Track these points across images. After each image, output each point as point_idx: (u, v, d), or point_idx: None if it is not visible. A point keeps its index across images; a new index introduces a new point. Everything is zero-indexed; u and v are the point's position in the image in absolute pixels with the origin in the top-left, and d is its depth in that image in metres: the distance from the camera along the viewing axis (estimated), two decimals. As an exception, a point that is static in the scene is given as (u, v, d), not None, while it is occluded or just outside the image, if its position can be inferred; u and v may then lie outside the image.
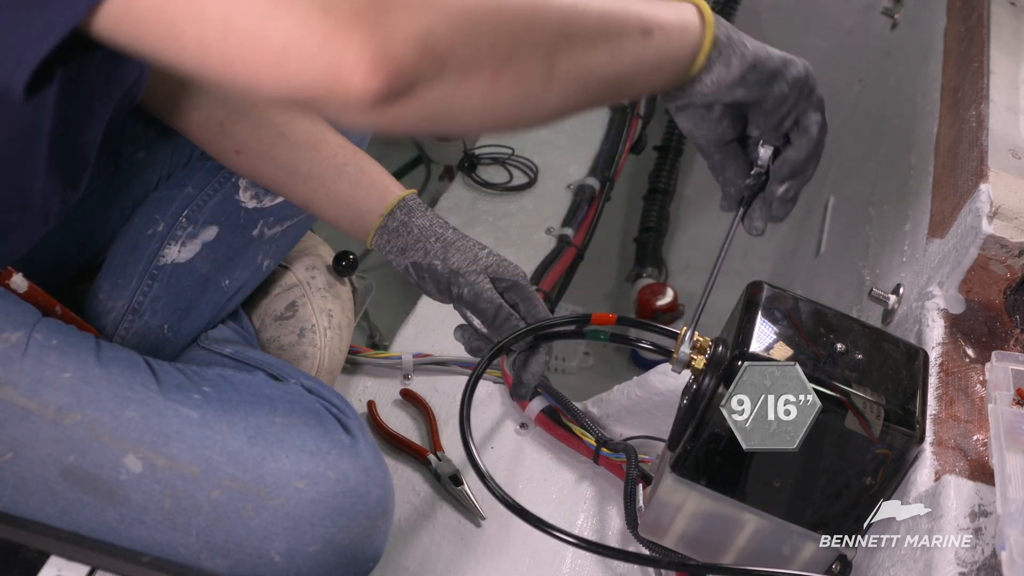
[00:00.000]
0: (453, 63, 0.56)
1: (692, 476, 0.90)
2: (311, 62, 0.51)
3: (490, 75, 0.59)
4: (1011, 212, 0.94)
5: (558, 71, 0.64)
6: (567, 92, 0.66)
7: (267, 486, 0.78)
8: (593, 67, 0.67)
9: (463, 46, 0.56)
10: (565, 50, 0.64)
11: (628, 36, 0.70)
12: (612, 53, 0.68)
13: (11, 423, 0.77)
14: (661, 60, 0.75)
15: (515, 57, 0.60)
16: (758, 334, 0.86)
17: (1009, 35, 1.25)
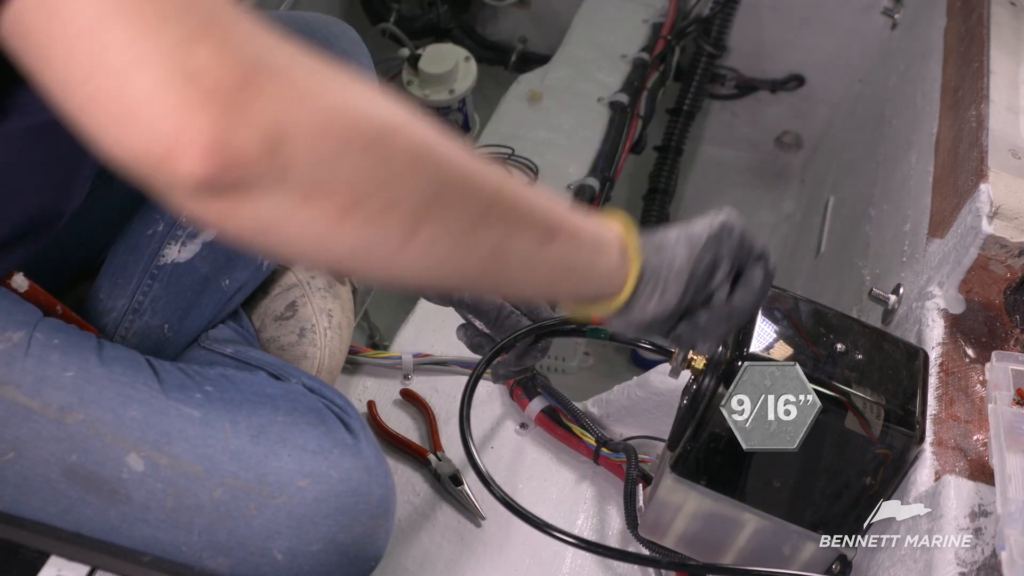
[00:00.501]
0: (299, 178, 0.50)
1: (692, 476, 0.90)
2: (151, 128, 0.47)
3: (338, 208, 0.52)
4: (1011, 212, 0.94)
5: (420, 237, 0.56)
6: (427, 262, 0.58)
7: (269, 485, 0.78)
8: (465, 251, 0.60)
9: (318, 164, 0.50)
10: (439, 216, 0.57)
11: (522, 231, 0.63)
12: (495, 245, 0.61)
13: (13, 422, 0.77)
14: (561, 273, 0.68)
15: (375, 198, 0.53)
16: (758, 334, 0.86)
17: (1009, 35, 1.25)
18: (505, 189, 0.61)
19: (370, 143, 0.52)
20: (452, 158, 0.58)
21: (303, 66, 0.51)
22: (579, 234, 0.68)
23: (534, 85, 1.86)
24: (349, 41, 1.16)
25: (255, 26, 0.51)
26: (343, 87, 0.53)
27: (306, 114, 0.49)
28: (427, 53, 1.89)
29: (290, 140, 0.49)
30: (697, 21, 2.04)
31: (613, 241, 0.71)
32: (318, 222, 0.52)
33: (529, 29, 2.28)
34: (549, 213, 0.65)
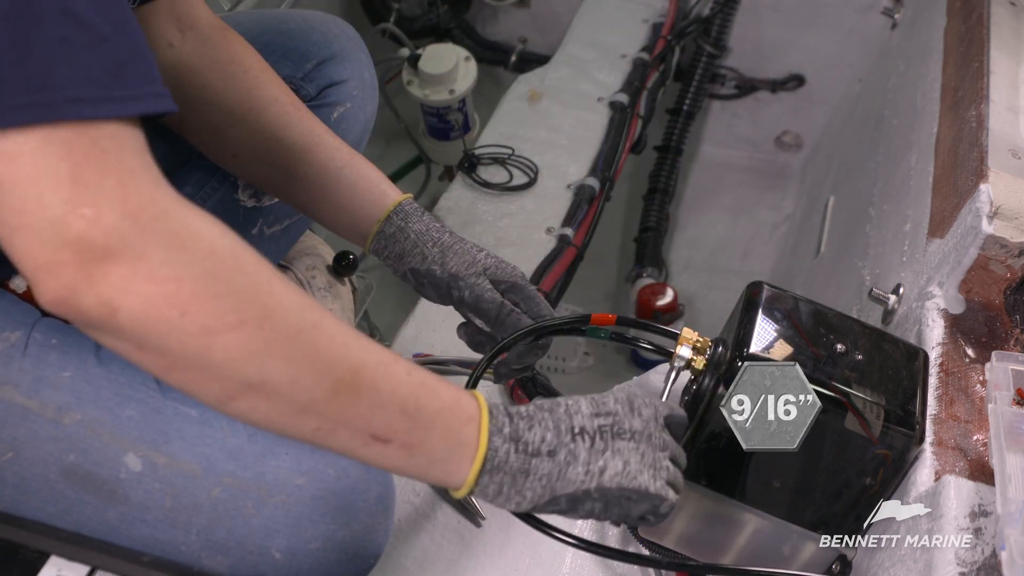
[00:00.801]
0: (128, 337, 0.61)
1: (692, 476, 0.90)
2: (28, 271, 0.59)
3: (162, 365, 0.63)
4: (1011, 212, 0.94)
5: (237, 406, 0.65)
6: (249, 420, 0.67)
7: (267, 483, 0.78)
8: (284, 425, 0.67)
9: (144, 335, 0.60)
10: (254, 400, 0.64)
11: (348, 429, 0.67)
12: (316, 429, 0.66)
13: (11, 422, 0.77)
14: (389, 467, 0.72)
15: (192, 371, 0.62)
16: (758, 334, 0.86)
17: (1009, 35, 1.24)
18: (348, 390, 0.66)
19: (198, 332, 0.60)
20: (289, 356, 0.64)
21: (166, 247, 0.60)
22: (416, 448, 0.69)
23: (534, 85, 1.86)
24: (348, 39, 1.16)
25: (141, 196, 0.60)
26: (198, 275, 0.60)
27: (141, 298, 0.59)
28: (427, 53, 1.89)
29: (122, 313, 0.59)
30: (697, 21, 2.05)
31: (456, 462, 0.71)
32: (147, 366, 0.64)
33: (529, 29, 2.28)
34: (390, 422, 0.68)
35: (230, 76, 0.98)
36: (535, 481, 0.73)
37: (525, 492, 0.73)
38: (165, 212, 0.60)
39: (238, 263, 0.63)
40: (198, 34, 0.98)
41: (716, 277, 2.13)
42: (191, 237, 0.61)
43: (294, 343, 0.64)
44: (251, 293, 0.62)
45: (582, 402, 0.76)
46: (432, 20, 2.21)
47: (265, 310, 0.63)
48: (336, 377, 0.65)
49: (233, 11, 1.67)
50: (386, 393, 0.67)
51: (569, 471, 0.73)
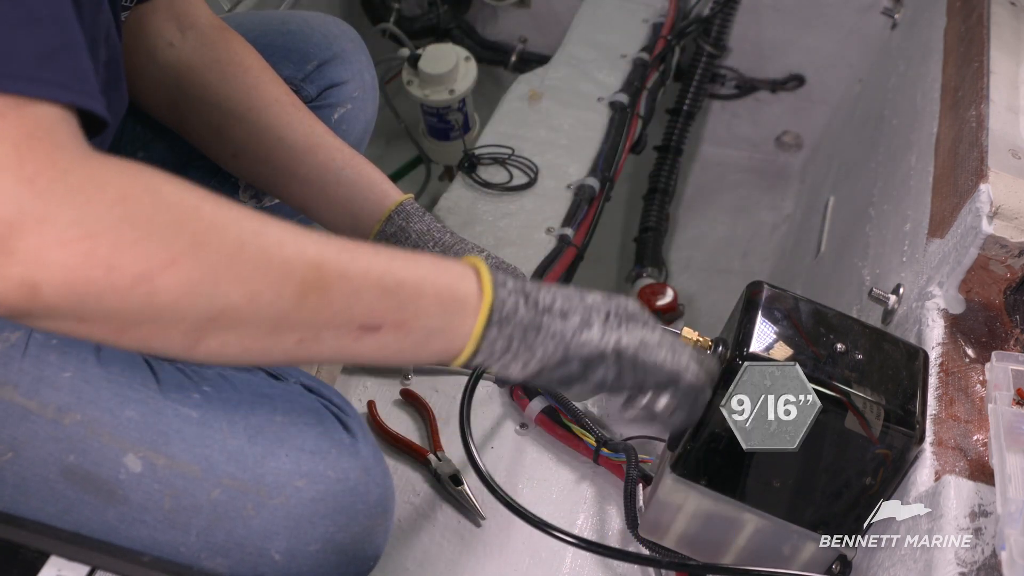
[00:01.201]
0: (64, 313, 0.56)
1: (692, 476, 0.90)
2: None
3: (112, 330, 0.58)
4: (1011, 212, 0.94)
5: (206, 346, 0.60)
6: (218, 361, 0.62)
7: (267, 485, 0.78)
8: (262, 350, 0.62)
9: (78, 305, 0.55)
10: (221, 333, 0.59)
11: (332, 329, 0.62)
12: (299, 341, 0.62)
13: (11, 423, 0.77)
14: (386, 355, 0.66)
15: (144, 326, 0.58)
16: (758, 334, 0.86)
17: (1009, 35, 1.25)
18: (315, 289, 0.60)
19: (131, 283, 0.55)
20: (237, 277, 0.59)
21: (72, 208, 0.54)
22: (409, 323, 0.65)
23: (534, 85, 1.86)
24: (348, 40, 1.16)
25: (38, 162, 0.54)
26: (110, 227, 0.55)
27: (57, 265, 0.53)
28: (427, 53, 1.89)
29: (44, 289, 0.54)
30: (697, 21, 2.05)
31: (457, 323, 0.67)
32: (99, 337, 0.59)
33: (529, 29, 2.28)
34: (373, 306, 0.63)
35: (230, 76, 0.98)
36: (547, 338, 0.68)
37: (536, 349, 0.68)
38: (65, 171, 0.55)
39: (155, 199, 0.57)
40: (198, 33, 0.98)
41: (716, 277, 2.13)
42: (96, 188, 0.55)
43: (238, 260, 0.59)
44: (175, 226, 0.57)
45: (594, 292, 0.73)
46: (432, 20, 2.22)
47: (195, 237, 0.58)
48: (298, 280, 0.60)
49: (233, 12, 1.67)
50: (358, 279, 0.63)
51: (583, 333, 0.69)
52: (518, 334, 0.67)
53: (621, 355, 0.71)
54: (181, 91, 0.97)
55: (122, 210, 0.56)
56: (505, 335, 0.67)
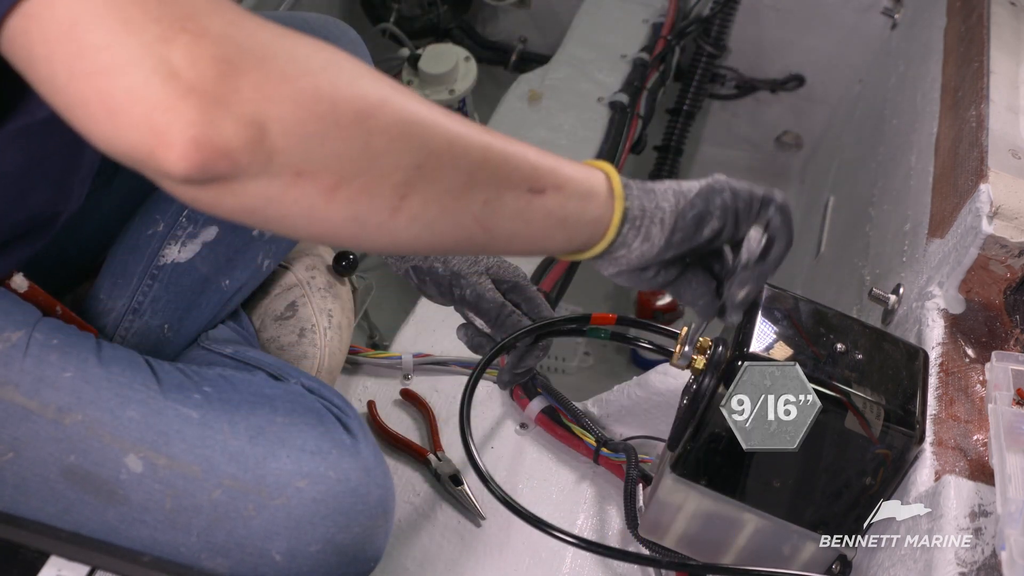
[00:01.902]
0: (285, 161, 0.53)
1: (692, 476, 0.90)
2: (135, 127, 0.50)
3: (326, 186, 0.55)
4: (1011, 212, 0.94)
5: (410, 205, 0.59)
6: (415, 230, 0.61)
7: (268, 486, 0.78)
8: (456, 212, 0.62)
9: (303, 147, 0.53)
10: (425, 186, 0.59)
11: (511, 189, 0.65)
12: (485, 202, 0.64)
13: (12, 423, 0.77)
14: (553, 223, 0.70)
15: (362, 175, 0.56)
16: (758, 334, 0.86)
17: (1009, 35, 1.25)
18: (492, 150, 0.64)
19: (352, 122, 0.54)
20: (436, 127, 0.60)
21: (283, 50, 0.53)
22: (567, 185, 0.70)
23: (534, 85, 1.86)
24: (349, 41, 1.16)
25: (234, 14, 0.53)
26: (324, 67, 0.54)
27: (286, 100, 0.51)
28: (427, 53, 1.89)
29: (272, 127, 0.51)
30: (697, 21, 2.05)
31: (599, 187, 0.73)
32: (306, 201, 0.55)
33: (529, 29, 2.28)
34: (537, 168, 0.68)
35: None
36: (664, 192, 0.75)
37: (663, 203, 0.74)
38: (260, 23, 0.54)
39: (347, 56, 0.57)
40: None
41: (716, 277, 2.12)
42: (295, 36, 0.55)
43: (434, 110, 0.60)
44: (373, 75, 0.57)
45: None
46: (432, 20, 2.21)
47: (393, 87, 0.58)
48: (478, 139, 0.63)
49: (233, 11, 1.67)
50: (516, 146, 0.67)
51: (683, 183, 0.76)
52: (643, 195, 0.74)
53: (722, 181, 0.76)
54: None
55: (328, 55, 0.55)
56: (636, 196, 0.73)
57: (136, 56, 0.49)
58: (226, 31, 0.51)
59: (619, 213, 0.73)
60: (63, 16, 0.49)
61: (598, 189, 0.73)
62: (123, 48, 0.48)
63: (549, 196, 0.68)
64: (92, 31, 0.49)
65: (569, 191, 0.70)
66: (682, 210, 0.76)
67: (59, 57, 0.50)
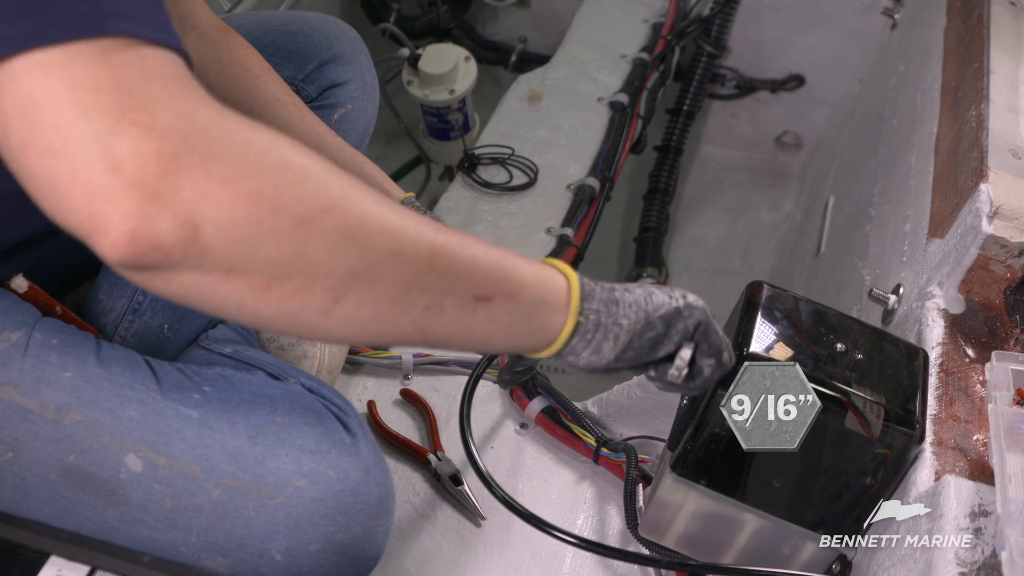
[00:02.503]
0: (217, 260, 0.54)
1: (692, 476, 0.90)
2: (79, 209, 0.51)
3: (257, 286, 0.56)
4: (1011, 212, 0.94)
5: (343, 308, 0.60)
6: (348, 330, 0.62)
7: (268, 485, 0.78)
8: (391, 317, 0.62)
9: (236, 248, 0.54)
10: (361, 291, 0.60)
11: (454, 296, 0.65)
12: (425, 308, 0.63)
13: (11, 423, 0.77)
14: (496, 329, 0.69)
15: (295, 278, 0.57)
16: (758, 334, 0.86)
17: (1009, 35, 1.25)
18: (440, 256, 0.63)
19: (290, 228, 0.55)
20: (381, 235, 0.60)
21: (232, 149, 0.53)
22: (518, 294, 0.69)
23: (534, 85, 1.86)
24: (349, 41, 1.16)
25: (190, 105, 0.53)
26: (272, 168, 0.55)
27: (224, 202, 0.52)
28: (427, 53, 1.89)
29: (207, 228, 0.52)
30: (697, 21, 2.05)
31: (555, 297, 0.72)
32: (236, 296, 0.56)
33: (529, 29, 2.28)
34: (488, 276, 0.67)
35: (232, 76, 0.98)
36: (627, 308, 0.74)
37: (621, 320, 0.74)
38: (220, 112, 0.54)
39: (302, 149, 0.58)
40: (199, 34, 0.98)
41: (716, 277, 2.13)
42: (251, 131, 0.55)
43: (384, 214, 0.60)
44: (328, 173, 0.58)
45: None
46: (432, 20, 2.21)
47: (344, 189, 0.58)
48: (428, 246, 0.62)
49: (233, 12, 1.67)
50: (472, 250, 0.66)
51: (654, 297, 0.76)
52: (603, 308, 0.73)
53: (693, 307, 0.77)
54: None
55: (279, 154, 0.55)
56: (594, 309, 0.72)
57: (85, 144, 0.50)
58: (176, 125, 0.51)
59: (570, 327, 0.72)
60: (24, 91, 0.50)
61: (553, 299, 0.71)
62: (73, 134, 0.50)
63: (496, 304, 0.67)
64: (48, 111, 0.50)
65: (520, 299, 0.69)
66: (640, 330, 0.75)
67: (15, 128, 0.51)
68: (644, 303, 0.75)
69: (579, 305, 0.72)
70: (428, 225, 0.64)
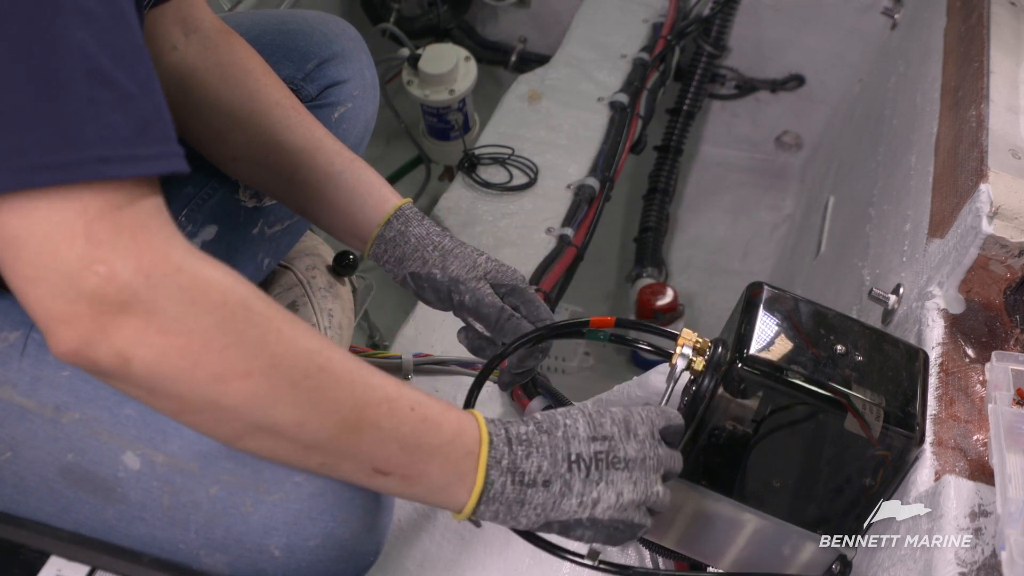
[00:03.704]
0: (141, 384, 0.64)
1: (692, 476, 0.90)
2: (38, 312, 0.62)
3: (174, 409, 0.66)
4: (1011, 212, 0.94)
5: (246, 446, 0.69)
6: (260, 454, 0.71)
7: (266, 481, 0.78)
8: (292, 462, 0.72)
9: (157, 383, 0.63)
10: (259, 442, 0.69)
11: (351, 463, 0.71)
12: (321, 465, 0.71)
13: (10, 422, 0.77)
14: (397, 494, 0.76)
15: (204, 414, 0.66)
16: (758, 335, 0.86)
17: (1009, 35, 1.25)
18: (344, 433, 0.69)
19: (206, 382, 0.64)
20: (287, 410, 0.67)
21: (177, 305, 0.62)
22: (420, 479, 0.73)
23: (534, 85, 1.86)
24: (349, 39, 1.16)
25: (153, 256, 0.62)
26: (207, 329, 0.63)
27: (154, 349, 0.62)
28: (427, 53, 1.89)
29: (136, 363, 0.62)
30: (697, 21, 2.05)
31: (455, 491, 0.74)
32: (159, 407, 0.67)
33: (529, 29, 2.28)
34: (390, 459, 0.72)
35: (232, 79, 0.98)
36: (530, 509, 0.76)
37: (520, 519, 0.76)
38: (177, 268, 0.62)
39: (248, 314, 0.65)
40: (201, 37, 0.98)
41: (716, 277, 2.13)
42: (202, 291, 0.63)
43: (300, 389, 0.67)
44: (260, 343, 0.65)
45: (580, 423, 0.78)
46: (432, 20, 2.22)
47: (273, 359, 0.65)
48: (340, 418, 0.69)
49: (233, 11, 1.67)
50: (388, 431, 0.71)
51: (563, 502, 0.76)
52: (503, 509, 0.76)
53: (596, 522, 0.77)
54: (184, 95, 0.97)
55: (220, 317, 0.63)
56: (492, 510, 0.76)
57: (54, 281, 0.60)
58: (132, 281, 0.60)
59: (467, 515, 0.75)
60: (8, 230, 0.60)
61: (454, 491, 0.74)
62: (46, 272, 0.60)
63: (392, 480, 0.73)
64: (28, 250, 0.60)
65: (419, 484, 0.73)
66: (539, 527, 0.77)
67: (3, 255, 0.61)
68: (550, 506, 0.76)
69: (473, 509, 0.75)
70: (362, 389, 0.70)
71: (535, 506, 0.76)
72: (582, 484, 0.76)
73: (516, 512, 0.76)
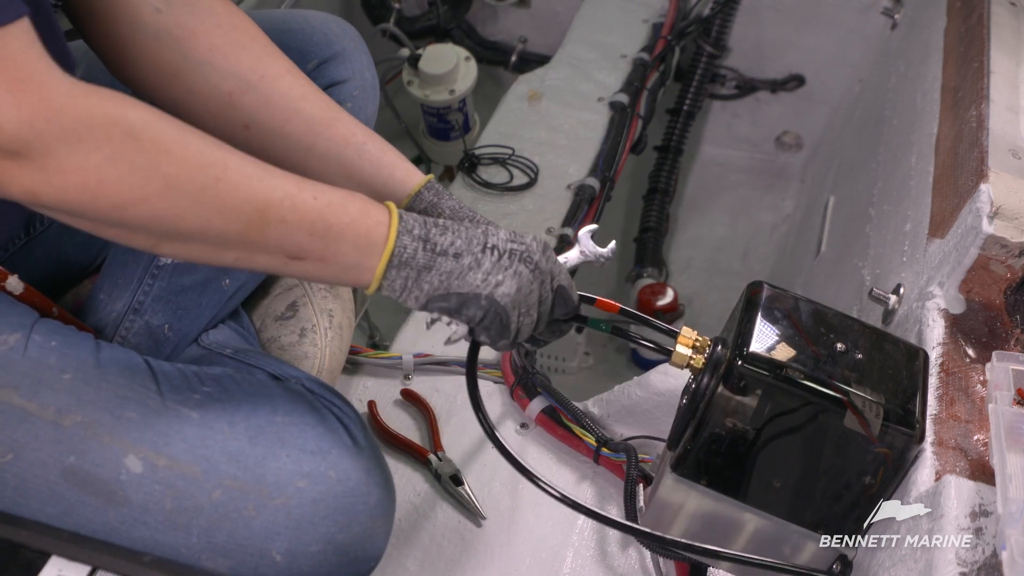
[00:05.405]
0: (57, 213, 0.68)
1: (692, 476, 0.90)
2: None
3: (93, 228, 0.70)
4: (1011, 212, 0.94)
5: (164, 248, 0.72)
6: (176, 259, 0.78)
7: (268, 485, 0.78)
8: (206, 260, 0.75)
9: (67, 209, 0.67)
10: (174, 246, 0.72)
11: (265, 254, 0.74)
12: (236, 259, 0.74)
13: (11, 424, 0.77)
14: (312, 277, 0.80)
15: (119, 229, 0.69)
16: (758, 334, 0.86)
17: (1009, 35, 1.25)
18: (255, 227, 0.72)
19: (107, 210, 0.67)
20: (197, 212, 0.70)
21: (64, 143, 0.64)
22: (333, 258, 0.76)
23: (534, 85, 1.86)
24: (349, 39, 1.15)
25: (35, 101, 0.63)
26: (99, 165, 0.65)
27: (56, 187, 0.65)
28: (427, 53, 1.89)
29: (43, 199, 0.65)
30: (697, 21, 2.05)
31: (366, 262, 0.77)
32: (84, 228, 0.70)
33: (529, 29, 2.28)
34: (302, 245, 0.75)
35: (238, 42, 0.94)
36: (435, 276, 0.79)
37: (423, 285, 0.79)
38: (59, 111, 0.64)
39: (136, 143, 0.66)
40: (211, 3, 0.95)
41: (716, 277, 2.13)
42: (86, 128, 0.65)
43: (199, 202, 0.69)
44: (151, 168, 0.67)
45: (503, 232, 0.83)
46: (432, 20, 2.22)
47: (167, 180, 0.68)
48: (244, 219, 0.71)
49: (233, 11, 1.67)
50: (293, 222, 0.73)
51: (469, 274, 0.79)
52: (412, 275, 0.78)
53: (492, 304, 0.80)
54: (183, 56, 0.93)
55: (107, 151, 0.65)
56: (402, 276, 0.78)
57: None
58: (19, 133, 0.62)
59: (375, 287, 0.78)
60: None
61: (365, 264, 0.77)
62: None
63: (307, 263, 0.76)
64: None
65: (331, 263, 0.76)
66: (436, 297, 0.80)
67: None
68: (455, 275, 0.79)
69: (383, 274, 0.78)
70: (263, 190, 0.72)
71: (442, 273, 0.79)
72: (492, 265, 0.80)
73: (423, 279, 0.78)
